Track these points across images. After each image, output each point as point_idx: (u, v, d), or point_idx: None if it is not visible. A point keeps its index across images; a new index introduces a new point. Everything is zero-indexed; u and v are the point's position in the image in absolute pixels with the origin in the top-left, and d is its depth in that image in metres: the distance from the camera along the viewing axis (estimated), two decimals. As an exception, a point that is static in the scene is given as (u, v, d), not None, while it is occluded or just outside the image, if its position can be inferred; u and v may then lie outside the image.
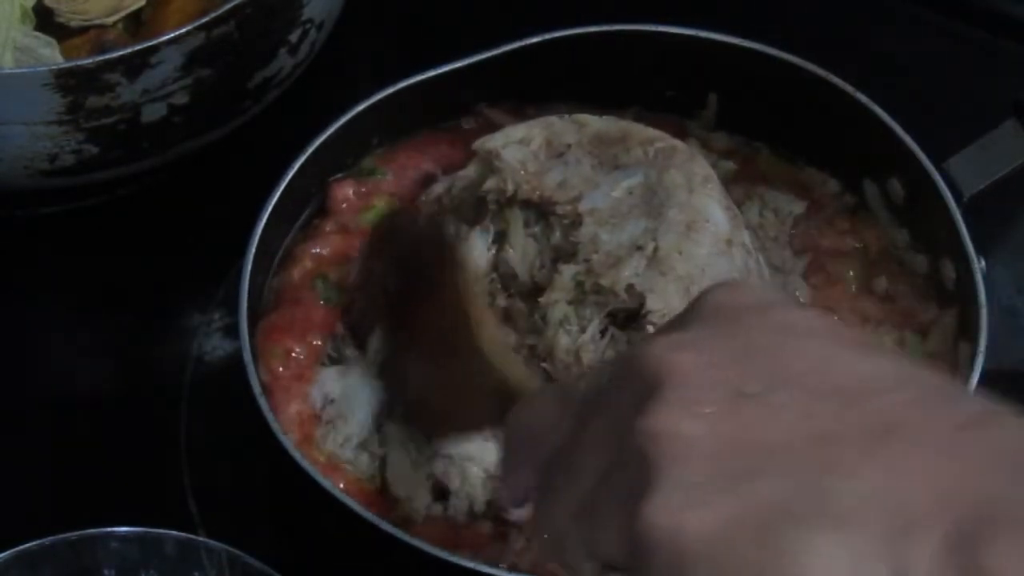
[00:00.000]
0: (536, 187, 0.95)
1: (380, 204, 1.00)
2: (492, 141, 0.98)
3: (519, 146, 0.97)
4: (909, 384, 0.60)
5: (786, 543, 0.56)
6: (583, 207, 0.93)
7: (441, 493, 0.90)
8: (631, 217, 0.93)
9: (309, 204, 1.01)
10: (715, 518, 0.57)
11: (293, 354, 0.93)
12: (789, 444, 0.58)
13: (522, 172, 0.95)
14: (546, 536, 0.67)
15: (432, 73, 1.02)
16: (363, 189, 1.01)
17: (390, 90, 1.01)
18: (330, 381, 0.93)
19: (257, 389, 0.88)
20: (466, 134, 1.04)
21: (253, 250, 0.93)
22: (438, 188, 1.00)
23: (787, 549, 0.56)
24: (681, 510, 0.58)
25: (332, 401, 0.92)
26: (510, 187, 0.95)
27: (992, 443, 0.57)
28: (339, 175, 1.01)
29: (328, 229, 0.99)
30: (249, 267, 0.93)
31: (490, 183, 0.96)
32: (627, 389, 0.62)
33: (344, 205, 1.00)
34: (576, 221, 0.93)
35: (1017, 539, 0.54)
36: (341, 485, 0.88)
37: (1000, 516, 0.54)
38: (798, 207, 1.01)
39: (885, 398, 0.59)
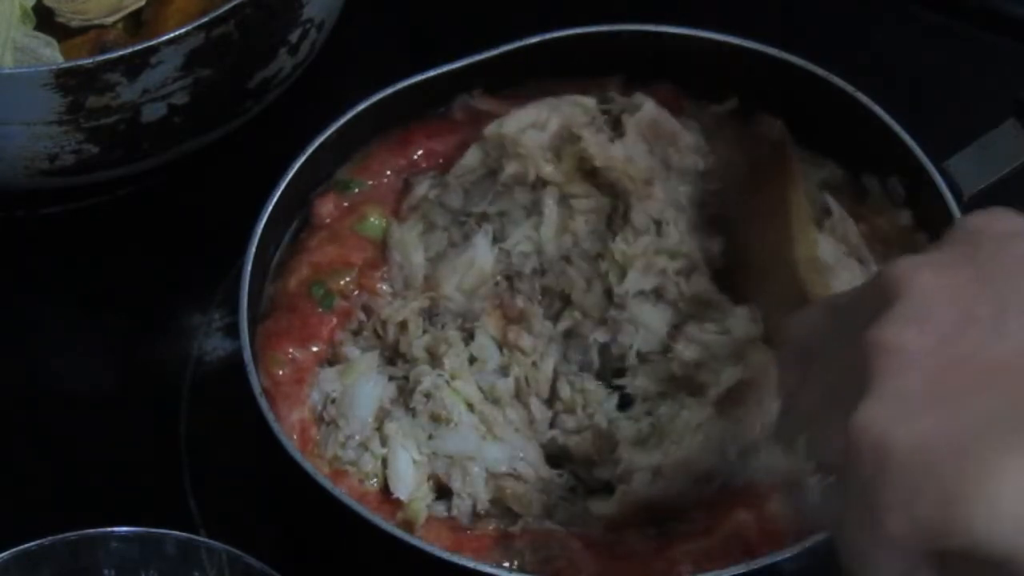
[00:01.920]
0: (610, 162, 0.96)
1: (372, 216, 0.99)
2: (506, 127, 0.98)
3: (535, 131, 0.97)
4: None
5: (983, 461, 0.59)
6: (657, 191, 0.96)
7: (443, 492, 0.90)
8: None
9: (296, 217, 1.00)
10: (921, 431, 0.60)
11: (293, 359, 0.93)
12: (1006, 368, 0.61)
13: (543, 156, 0.97)
14: (785, 432, 0.72)
15: (431, 73, 1.01)
16: (345, 204, 1.00)
17: (390, 90, 1.01)
18: (330, 381, 0.93)
19: (257, 389, 0.88)
20: (437, 126, 1.03)
21: (253, 250, 0.93)
22: (420, 190, 1.00)
23: (983, 467, 0.59)
24: (890, 419, 0.61)
25: (333, 401, 0.92)
26: (532, 173, 0.96)
27: None
28: (319, 189, 1.00)
29: (317, 241, 0.98)
30: (249, 267, 0.93)
31: (511, 168, 0.97)
32: (869, 301, 0.65)
33: (328, 220, 0.99)
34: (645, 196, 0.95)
35: None
36: (343, 488, 0.88)
37: None
38: (823, 172, 1.01)
39: None
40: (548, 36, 1.02)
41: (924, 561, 0.63)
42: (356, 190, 1.00)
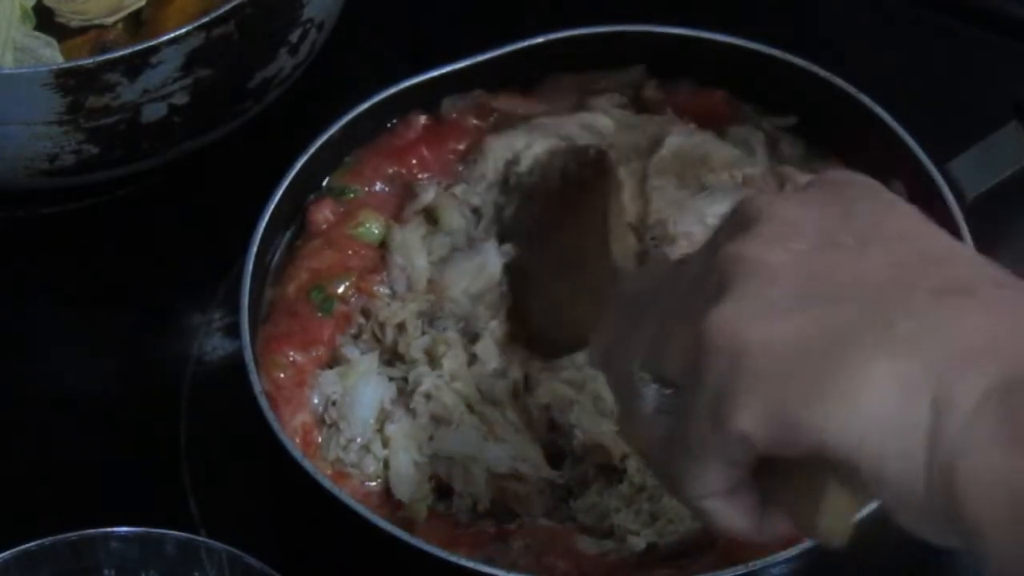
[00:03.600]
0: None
1: (369, 221, 0.99)
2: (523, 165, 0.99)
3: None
4: (990, 267, 0.63)
5: (840, 360, 0.59)
6: (678, 229, 0.94)
7: (444, 491, 0.90)
8: None
9: (291, 224, 1.00)
10: (779, 329, 0.60)
11: (293, 362, 0.93)
12: (868, 283, 0.61)
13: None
14: (603, 355, 0.72)
15: (432, 74, 1.01)
16: (341, 209, 1.00)
17: (392, 90, 1.00)
18: (330, 383, 0.93)
19: (258, 388, 0.88)
20: (427, 129, 1.03)
21: (255, 249, 0.93)
22: (427, 197, 0.99)
23: (840, 365, 0.59)
24: (747, 318, 0.61)
25: (334, 403, 0.92)
26: None
27: None
28: (314, 195, 1.00)
29: (315, 247, 0.98)
30: (251, 266, 0.92)
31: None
32: (726, 228, 0.65)
33: (325, 226, 0.99)
34: (669, 241, 0.94)
35: None
36: (345, 490, 0.88)
37: None
38: None
39: (968, 268, 0.62)
40: (551, 36, 1.02)
41: (749, 475, 0.64)
42: (351, 196, 1.00)
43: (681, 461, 0.65)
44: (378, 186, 1.01)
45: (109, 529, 0.87)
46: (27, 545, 0.85)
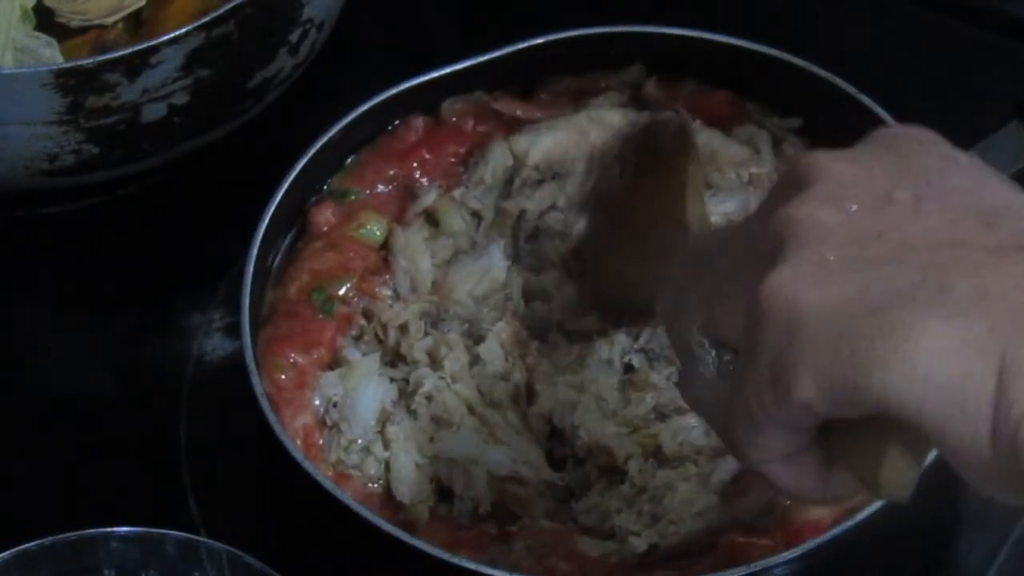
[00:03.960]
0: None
1: (371, 222, 0.99)
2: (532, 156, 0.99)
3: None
4: None
5: (898, 322, 0.58)
6: None
7: (445, 493, 0.90)
8: None
9: (293, 227, 0.99)
10: (835, 293, 0.60)
11: (294, 363, 0.93)
12: (924, 243, 0.60)
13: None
14: (668, 313, 0.71)
15: (432, 75, 1.01)
16: (342, 211, 1.00)
17: (392, 91, 1.00)
18: (331, 384, 0.92)
19: (259, 390, 0.88)
20: (428, 131, 1.03)
21: (255, 250, 0.93)
22: (427, 199, 0.99)
23: (898, 327, 0.58)
24: (804, 282, 0.61)
25: (335, 405, 0.92)
26: None
27: None
28: (315, 198, 1.00)
29: (316, 249, 0.98)
30: (251, 268, 0.92)
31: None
32: (779, 192, 0.65)
33: (326, 228, 0.99)
34: None
35: None
36: (347, 492, 0.88)
37: None
38: None
39: None
40: (551, 37, 1.02)
41: (812, 437, 0.64)
42: (352, 198, 1.00)
43: (742, 428, 0.64)
44: (379, 188, 1.01)
45: (109, 529, 0.87)
46: (27, 545, 0.85)
